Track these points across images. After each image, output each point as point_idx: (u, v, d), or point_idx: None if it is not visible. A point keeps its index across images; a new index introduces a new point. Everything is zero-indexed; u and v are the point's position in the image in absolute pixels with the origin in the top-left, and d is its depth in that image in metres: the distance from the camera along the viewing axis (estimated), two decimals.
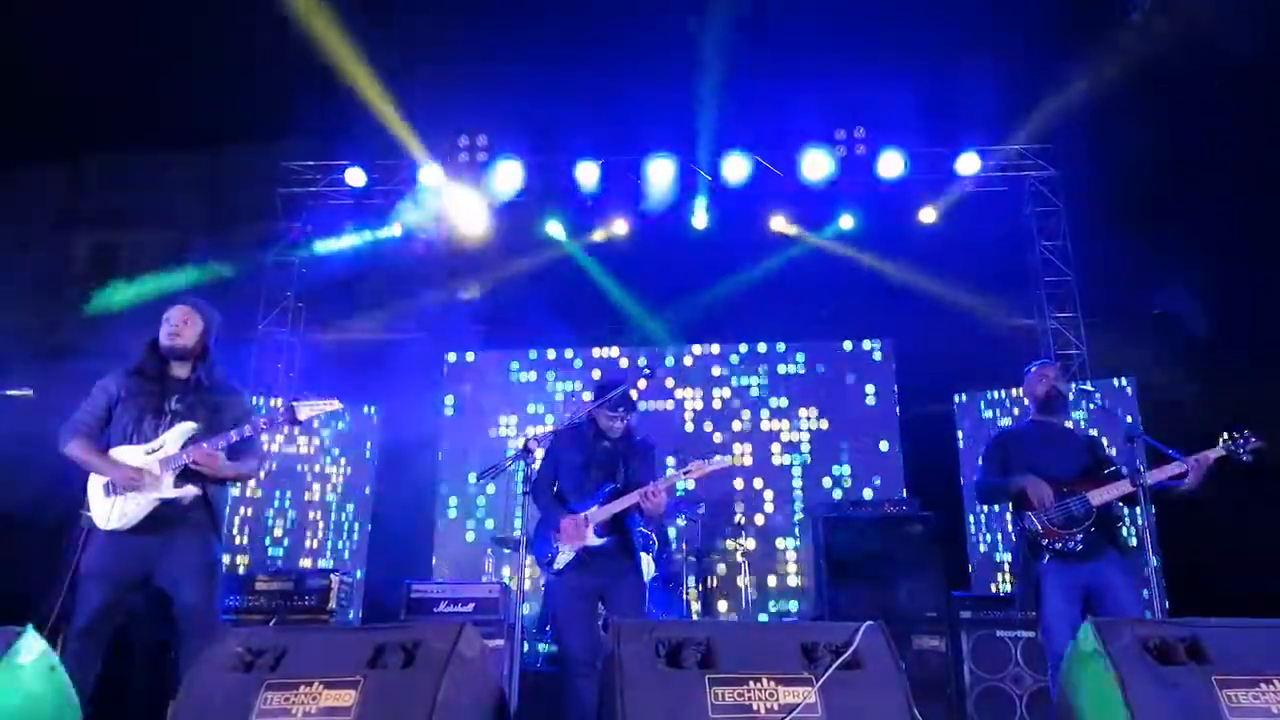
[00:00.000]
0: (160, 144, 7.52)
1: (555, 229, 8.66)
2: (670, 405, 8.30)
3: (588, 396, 4.35)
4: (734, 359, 8.45)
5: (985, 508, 7.44)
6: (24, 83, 6.56)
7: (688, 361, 8.45)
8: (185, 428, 3.62)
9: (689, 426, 8.27)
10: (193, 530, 3.61)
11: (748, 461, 8.08)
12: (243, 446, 3.70)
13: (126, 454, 3.57)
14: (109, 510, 3.51)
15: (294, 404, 3.66)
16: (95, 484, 3.57)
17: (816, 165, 8.16)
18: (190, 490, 3.58)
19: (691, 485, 7.04)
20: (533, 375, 8.51)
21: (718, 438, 8.21)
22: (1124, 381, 7.41)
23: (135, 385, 3.65)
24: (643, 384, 7.90)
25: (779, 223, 8.51)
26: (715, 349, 8.48)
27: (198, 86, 7.01)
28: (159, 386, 3.65)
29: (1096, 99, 7.24)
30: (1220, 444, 4.00)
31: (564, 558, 4.03)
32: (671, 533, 6.48)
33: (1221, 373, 6.71)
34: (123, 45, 6.68)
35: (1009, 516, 7.17)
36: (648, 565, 4.93)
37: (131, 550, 3.52)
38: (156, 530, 3.54)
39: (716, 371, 8.43)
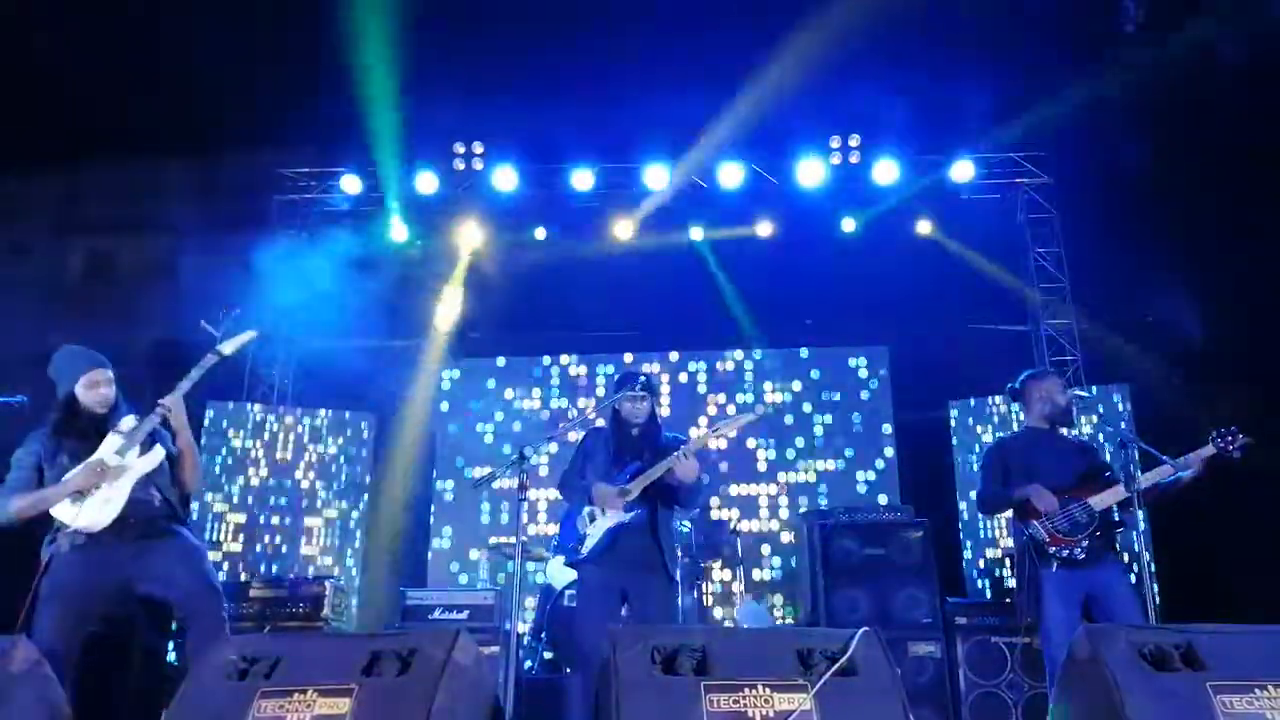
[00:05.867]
0: (157, 151, 7.51)
1: (549, 235, 8.66)
2: (666, 413, 8.29)
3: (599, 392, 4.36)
4: (728, 366, 8.45)
5: (983, 516, 7.44)
6: (20, 88, 6.56)
7: (684, 368, 8.45)
8: (125, 421, 3.66)
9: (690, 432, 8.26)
10: (163, 532, 3.63)
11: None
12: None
13: (78, 468, 3.55)
14: (75, 511, 3.46)
15: (218, 347, 3.76)
16: (59, 506, 3.51)
17: (811, 172, 8.18)
18: (159, 452, 3.62)
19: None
20: (530, 382, 8.50)
21: (712, 444, 8.20)
22: (1119, 388, 7.43)
23: (61, 438, 3.65)
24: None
25: (772, 229, 8.50)
26: (708, 356, 8.48)
27: (194, 93, 7.01)
28: (81, 427, 3.66)
29: (1091, 107, 7.28)
30: (1209, 442, 4.03)
31: (592, 540, 4.00)
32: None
33: (1216, 379, 6.73)
34: (119, 51, 6.68)
35: (996, 521, 7.26)
36: None
37: (101, 562, 3.49)
38: (129, 540, 3.52)
39: (711, 378, 8.42)
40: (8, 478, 3.64)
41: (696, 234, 8.56)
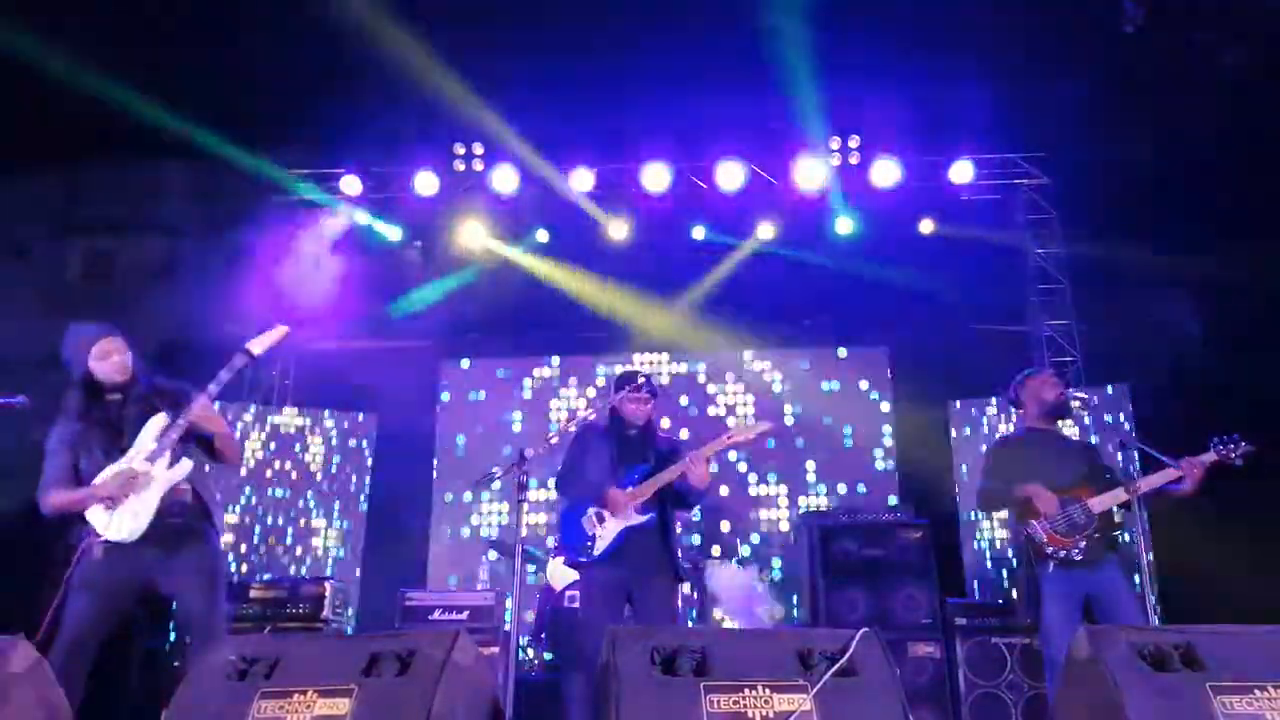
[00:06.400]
0: (156, 152, 7.51)
1: (549, 236, 8.66)
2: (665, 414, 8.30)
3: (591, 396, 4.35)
4: (727, 366, 8.45)
5: (982, 515, 7.44)
6: (20, 90, 6.56)
7: (684, 369, 8.46)
8: (155, 422, 3.62)
9: (684, 434, 8.26)
10: (194, 537, 3.63)
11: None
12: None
13: (110, 472, 3.54)
14: (108, 520, 3.48)
15: (246, 346, 3.69)
16: (93, 511, 3.53)
17: (810, 173, 8.17)
18: (186, 465, 3.57)
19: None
20: (530, 383, 8.50)
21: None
22: (1119, 389, 7.43)
23: (86, 423, 3.63)
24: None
25: (772, 230, 8.49)
26: (708, 356, 8.48)
27: (193, 94, 7.01)
28: (106, 413, 3.64)
29: (1090, 108, 7.27)
30: (1211, 449, 4.03)
31: (604, 541, 3.98)
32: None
33: (1216, 380, 6.72)
34: (118, 52, 6.68)
35: (996, 522, 7.26)
36: None
37: (129, 562, 3.51)
38: (158, 541, 3.53)
39: (712, 378, 8.43)
40: (47, 470, 3.60)
41: (698, 234, 8.55)
